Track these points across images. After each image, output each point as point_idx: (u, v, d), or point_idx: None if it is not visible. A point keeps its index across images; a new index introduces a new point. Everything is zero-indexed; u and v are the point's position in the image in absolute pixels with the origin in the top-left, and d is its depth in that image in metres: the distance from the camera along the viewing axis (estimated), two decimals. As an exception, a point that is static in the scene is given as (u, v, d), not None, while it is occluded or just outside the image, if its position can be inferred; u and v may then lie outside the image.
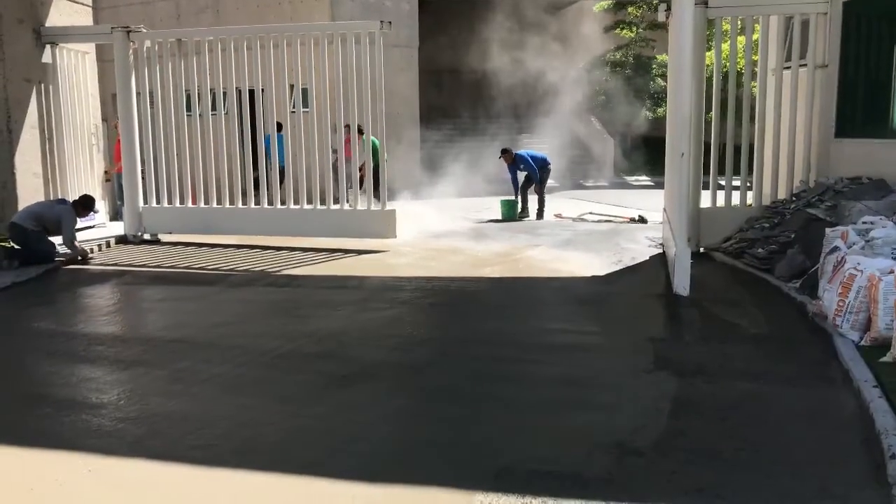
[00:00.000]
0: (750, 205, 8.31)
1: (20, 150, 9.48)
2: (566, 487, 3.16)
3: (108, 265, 8.47)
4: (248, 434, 3.84)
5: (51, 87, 9.86)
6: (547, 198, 12.30)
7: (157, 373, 4.85)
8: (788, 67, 8.18)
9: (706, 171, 8.33)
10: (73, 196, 9.27)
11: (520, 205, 12.04)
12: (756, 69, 8.34)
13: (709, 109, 8.43)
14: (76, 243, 8.46)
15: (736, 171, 8.26)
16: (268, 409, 4.16)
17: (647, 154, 20.29)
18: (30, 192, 9.46)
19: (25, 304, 6.92)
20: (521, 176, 12.24)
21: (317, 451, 3.63)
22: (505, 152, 12.35)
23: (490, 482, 3.21)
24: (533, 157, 12.27)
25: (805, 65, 7.99)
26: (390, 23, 9.00)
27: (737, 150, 8.23)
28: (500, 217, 11.77)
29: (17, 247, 8.29)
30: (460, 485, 3.21)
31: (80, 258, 8.41)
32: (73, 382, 4.76)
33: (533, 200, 12.10)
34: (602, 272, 7.54)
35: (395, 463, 3.49)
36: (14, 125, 9.41)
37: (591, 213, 12.40)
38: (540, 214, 11.97)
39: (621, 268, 7.73)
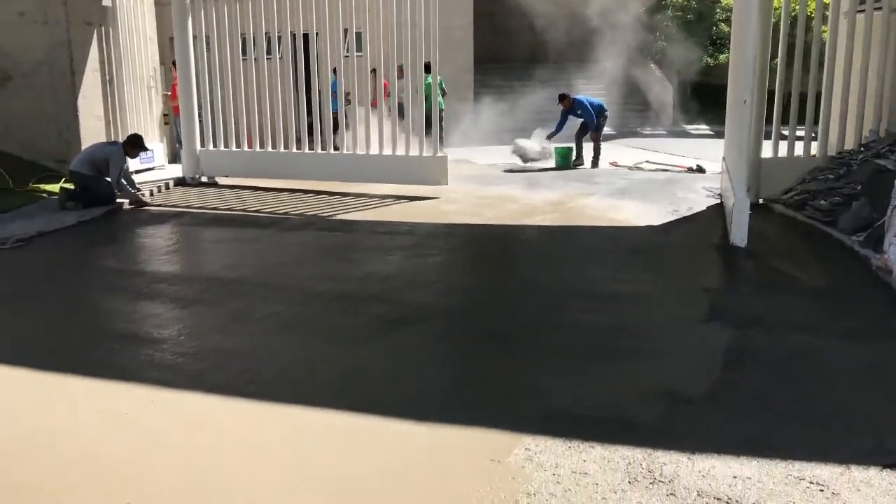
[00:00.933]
0: (814, 155, 8.02)
1: (82, 92, 9.70)
2: (614, 433, 3.17)
3: (167, 206, 8.68)
4: (302, 372, 3.95)
5: (111, 30, 10.00)
6: (602, 146, 12.08)
7: (216, 311, 4.99)
8: (862, 11, 7.79)
9: (769, 120, 8.06)
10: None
11: (574, 153, 11.86)
12: (827, 13, 7.96)
13: (774, 55, 8.11)
14: (130, 188, 8.60)
15: (801, 121, 7.97)
16: (321, 349, 4.26)
17: (707, 102, 19.70)
18: (92, 134, 9.70)
19: (89, 242, 7.17)
20: (577, 123, 12.02)
21: (367, 389, 3.71)
22: (563, 98, 12.11)
23: (537, 426, 3.24)
24: (590, 104, 12.02)
25: (880, 8, 7.59)
26: (446, -36, 8.82)
27: (802, 98, 7.93)
28: (553, 165, 11.63)
29: (79, 189, 8.54)
30: (507, 427, 3.24)
31: (133, 203, 8.55)
32: (136, 318, 4.93)
33: (588, 148, 11.90)
34: (657, 222, 7.42)
35: (443, 404, 3.54)
36: (76, 67, 9.62)
37: (647, 161, 12.15)
38: (595, 162, 11.78)
39: (677, 218, 7.59)
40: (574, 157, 11.80)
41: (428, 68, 9.40)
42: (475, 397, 3.61)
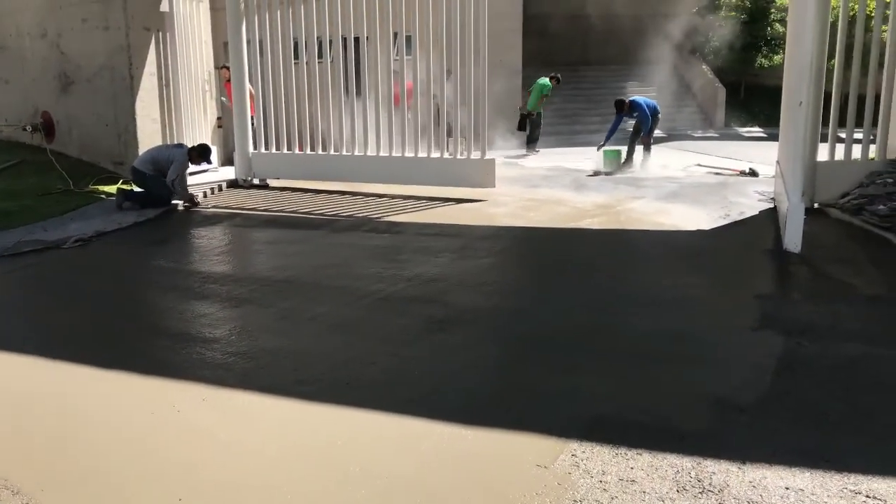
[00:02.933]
0: (873, 158, 7.80)
1: (140, 96, 9.96)
2: (662, 440, 3.14)
3: (220, 208, 8.85)
4: (349, 372, 3.99)
5: (168, 35, 10.25)
6: (653, 148, 11.92)
7: (266, 311, 5.08)
8: (925, 9, 7.55)
9: (825, 123, 7.86)
10: (188, 142, 9.69)
11: (624, 155, 11.74)
12: (888, 12, 7.73)
13: (831, 56, 7.91)
14: (182, 187, 8.77)
15: (859, 123, 7.76)
16: (369, 349, 4.30)
17: (760, 104, 19.31)
18: (148, 136, 9.96)
19: (145, 242, 7.37)
20: (629, 124, 11.92)
21: (414, 391, 3.74)
22: (621, 105, 11.98)
23: (584, 431, 3.22)
24: (647, 104, 11.90)
25: (945, 6, 7.35)
26: (495, -34, 8.82)
27: (861, 100, 7.72)
28: (602, 168, 11.53)
29: (136, 189, 8.78)
30: (554, 432, 3.23)
31: (187, 203, 8.75)
32: (188, 317, 5.05)
33: (638, 151, 11.77)
34: (708, 226, 7.30)
35: (489, 407, 3.55)
36: (135, 72, 9.88)
37: (698, 164, 11.97)
38: (644, 165, 11.64)
39: (728, 222, 7.46)
40: (623, 160, 11.68)
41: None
42: (521, 401, 3.61)
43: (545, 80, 14.29)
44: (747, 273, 5.89)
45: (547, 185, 9.90)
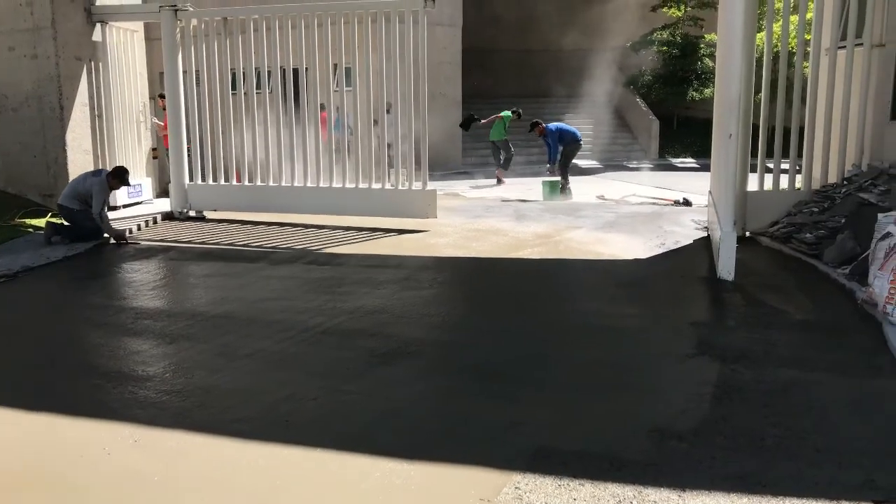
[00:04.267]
0: (799, 188, 8.10)
1: (71, 126, 9.70)
2: (603, 470, 3.15)
3: (155, 241, 8.63)
4: (289, 408, 3.90)
5: (100, 64, 10.05)
6: (590, 178, 12.23)
7: (202, 347, 4.95)
8: (843, 47, 7.93)
9: (754, 154, 8.15)
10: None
11: (561, 185, 11.98)
12: (809, 49, 8.10)
13: (758, 90, 8.23)
14: (109, 222, 8.46)
15: (785, 154, 8.06)
16: (309, 384, 4.22)
17: (692, 135, 19.95)
18: (80, 168, 9.68)
19: (75, 277, 7.12)
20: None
21: (356, 426, 3.67)
22: (535, 125, 12.44)
23: (527, 463, 3.22)
24: (561, 130, 12.24)
25: (861, 44, 7.73)
26: (434, 0, 8.93)
27: (786, 132, 8.03)
28: (541, 198, 11.69)
29: (65, 223, 8.49)
30: (497, 464, 3.21)
31: (116, 238, 8.46)
32: (120, 355, 4.88)
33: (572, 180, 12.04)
34: (644, 255, 7.44)
35: (433, 440, 3.51)
36: (65, 102, 9.63)
37: (634, 194, 12.25)
38: (570, 193, 12.01)
39: (664, 251, 7.62)
40: (560, 189, 11.91)
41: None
42: (464, 434, 3.58)
43: (508, 113, 14.92)
44: (683, 301, 6.01)
45: (488, 216, 9.96)
